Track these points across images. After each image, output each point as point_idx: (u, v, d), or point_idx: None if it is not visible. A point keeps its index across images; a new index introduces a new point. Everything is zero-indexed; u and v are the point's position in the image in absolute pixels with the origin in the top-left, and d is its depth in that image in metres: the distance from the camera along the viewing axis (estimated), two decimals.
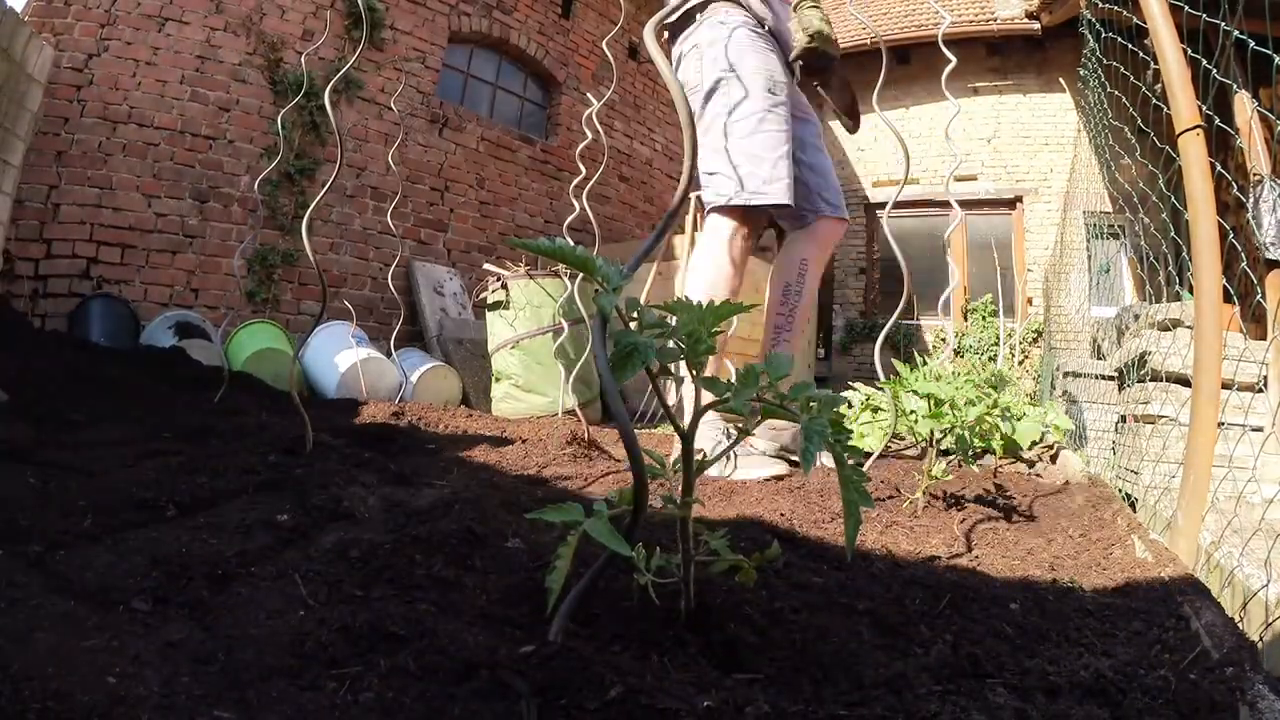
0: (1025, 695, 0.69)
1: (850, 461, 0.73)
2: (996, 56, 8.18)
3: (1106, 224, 6.16)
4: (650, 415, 3.98)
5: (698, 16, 1.97)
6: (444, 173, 5.40)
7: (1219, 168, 1.52)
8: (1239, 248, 1.74)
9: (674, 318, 0.73)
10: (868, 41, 8.11)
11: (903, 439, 2.38)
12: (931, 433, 1.55)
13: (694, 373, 0.74)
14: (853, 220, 8.96)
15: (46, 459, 1.39)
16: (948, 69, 1.89)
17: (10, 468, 1.25)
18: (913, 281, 2.09)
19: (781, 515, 1.37)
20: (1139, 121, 2.16)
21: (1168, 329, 2.93)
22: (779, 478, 1.76)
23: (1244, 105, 3.60)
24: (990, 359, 7.39)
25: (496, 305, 3.77)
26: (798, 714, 0.62)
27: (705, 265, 1.95)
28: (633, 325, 0.72)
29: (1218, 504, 1.67)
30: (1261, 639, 1.14)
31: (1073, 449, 2.43)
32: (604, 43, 2.19)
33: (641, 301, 0.74)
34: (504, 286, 3.74)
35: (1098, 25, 3.33)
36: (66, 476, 1.24)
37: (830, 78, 1.99)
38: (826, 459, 1.74)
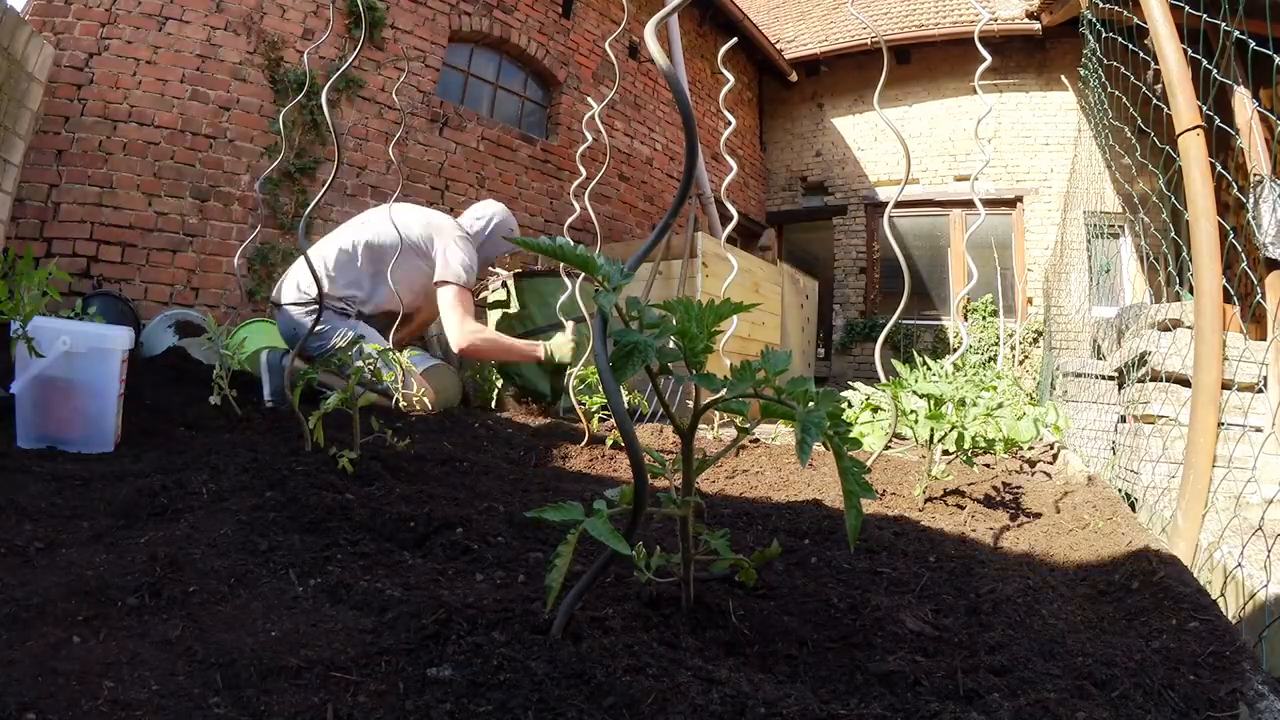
0: (1025, 691, 0.69)
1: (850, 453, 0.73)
2: (997, 56, 8.16)
3: (1107, 224, 6.15)
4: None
5: None
6: (444, 172, 5.40)
7: (1219, 168, 1.52)
8: (1239, 248, 1.74)
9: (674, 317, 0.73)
10: (868, 41, 8.12)
11: (904, 439, 2.38)
12: (932, 432, 1.56)
13: (693, 371, 0.74)
14: (853, 220, 8.98)
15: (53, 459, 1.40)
16: (982, 67, 1.89)
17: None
18: (913, 281, 2.09)
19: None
20: (1139, 121, 2.16)
21: (1168, 329, 2.93)
22: None
23: (1244, 105, 3.60)
24: (990, 359, 7.39)
25: (498, 304, 3.77)
26: (796, 709, 0.62)
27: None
28: (633, 324, 0.72)
29: (1217, 504, 1.67)
30: (1261, 639, 1.14)
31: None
32: (606, 44, 2.18)
33: (642, 301, 0.73)
34: (505, 285, 3.74)
35: (1098, 25, 3.33)
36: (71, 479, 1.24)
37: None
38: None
